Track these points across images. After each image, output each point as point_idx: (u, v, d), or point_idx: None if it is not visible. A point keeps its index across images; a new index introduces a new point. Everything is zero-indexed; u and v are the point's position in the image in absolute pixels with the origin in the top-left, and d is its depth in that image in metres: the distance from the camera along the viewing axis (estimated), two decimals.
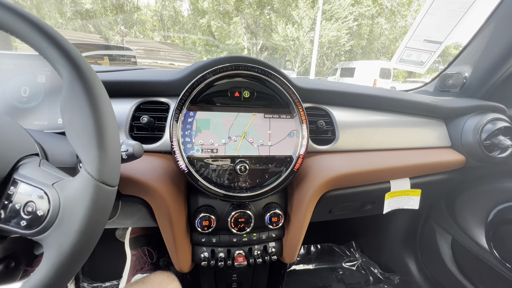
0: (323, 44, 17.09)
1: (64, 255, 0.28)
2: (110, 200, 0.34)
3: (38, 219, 0.30)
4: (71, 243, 0.29)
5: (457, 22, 0.81)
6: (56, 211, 0.30)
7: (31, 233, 0.30)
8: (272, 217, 0.62)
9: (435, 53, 0.90)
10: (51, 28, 0.33)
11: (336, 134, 0.69)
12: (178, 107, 0.55)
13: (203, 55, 18.98)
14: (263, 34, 18.95)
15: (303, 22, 15.75)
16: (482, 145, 0.75)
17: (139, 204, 0.60)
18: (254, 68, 0.58)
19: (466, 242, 0.94)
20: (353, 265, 1.35)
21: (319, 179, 0.63)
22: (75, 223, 0.29)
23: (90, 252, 0.32)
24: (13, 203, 0.31)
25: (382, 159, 0.71)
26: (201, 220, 0.59)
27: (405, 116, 0.79)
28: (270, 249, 0.69)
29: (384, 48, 20.47)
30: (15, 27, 0.31)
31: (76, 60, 0.33)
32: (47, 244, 0.30)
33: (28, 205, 0.30)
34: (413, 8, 16.85)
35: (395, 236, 1.24)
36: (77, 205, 0.30)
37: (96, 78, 0.36)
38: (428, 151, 0.79)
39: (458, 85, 0.93)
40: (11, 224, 0.30)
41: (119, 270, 1.00)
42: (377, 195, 0.76)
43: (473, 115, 0.80)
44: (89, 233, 0.30)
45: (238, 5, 17.26)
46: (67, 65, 0.33)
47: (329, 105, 0.72)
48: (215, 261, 0.65)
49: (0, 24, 0.31)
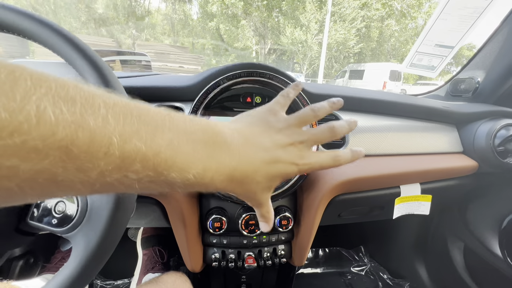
0: (331, 46, 17.01)
1: (92, 251, 0.31)
2: (132, 201, 0.36)
3: (68, 218, 0.32)
4: (98, 240, 0.31)
5: (470, 27, 0.81)
6: (84, 210, 0.32)
7: (61, 231, 0.32)
8: (282, 220, 0.63)
9: (446, 58, 0.89)
10: (80, 41, 0.36)
11: (346, 138, 0.70)
12: (192, 112, 0.57)
13: (212, 58, 19.19)
14: (271, 37, 19.02)
15: (310, 25, 15.73)
16: (495, 151, 0.74)
17: (154, 205, 0.62)
18: (266, 74, 0.60)
19: (479, 249, 0.92)
20: (362, 270, 1.34)
21: (329, 184, 0.64)
22: (101, 222, 0.31)
23: (114, 248, 0.34)
24: (45, 202, 0.33)
25: (393, 164, 0.71)
26: (213, 222, 0.61)
27: (416, 121, 0.79)
28: (279, 251, 0.70)
29: (394, 50, 20.18)
30: (49, 41, 0.34)
31: (102, 69, 0.36)
32: (76, 241, 0.32)
33: (59, 205, 0.33)
34: (423, 10, 16.57)
35: (405, 241, 1.23)
36: (103, 205, 0.32)
37: (120, 86, 0.39)
38: (439, 156, 0.78)
39: (470, 90, 0.92)
40: (43, 222, 0.33)
41: (130, 269, 1.02)
42: (387, 200, 0.76)
43: (486, 120, 0.79)
44: (114, 231, 0.32)
45: (246, 8, 17.41)
46: (94, 74, 0.36)
47: (339, 110, 0.73)
48: (225, 262, 0.67)
49: (36, 38, 0.34)
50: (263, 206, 0.33)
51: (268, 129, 0.30)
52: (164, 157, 0.20)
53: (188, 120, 0.24)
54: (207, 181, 0.24)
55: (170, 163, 0.21)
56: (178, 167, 0.21)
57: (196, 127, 0.24)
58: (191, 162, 0.22)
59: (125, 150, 0.18)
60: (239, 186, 0.27)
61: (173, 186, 0.22)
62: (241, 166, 0.26)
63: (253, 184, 0.28)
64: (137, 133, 0.18)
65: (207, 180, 0.24)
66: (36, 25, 0.33)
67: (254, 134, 0.29)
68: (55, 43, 0.34)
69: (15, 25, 0.33)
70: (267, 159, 0.28)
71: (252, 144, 0.28)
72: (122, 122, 0.18)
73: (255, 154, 0.28)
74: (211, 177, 0.24)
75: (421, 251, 1.19)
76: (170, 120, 0.22)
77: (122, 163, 0.18)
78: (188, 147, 0.22)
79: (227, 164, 0.25)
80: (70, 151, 0.15)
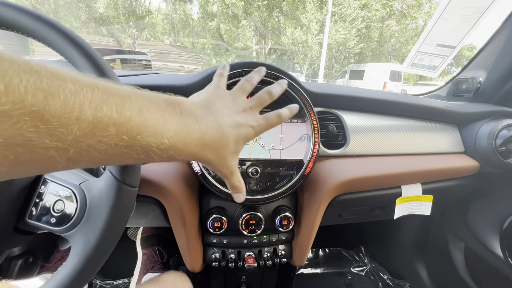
0: (332, 46, 17.02)
1: (91, 250, 0.30)
2: (132, 200, 0.36)
3: (67, 217, 0.32)
4: (97, 240, 0.30)
5: (471, 26, 0.80)
6: (83, 209, 0.32)
7: (60, 230, 0.32)
8: (283, 219, 0.63)
9: (448, 58, 0.89)
10: (80, 38, 0.36)
11: (347, 138, 0.69)
12: None
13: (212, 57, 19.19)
14: (272, 36, 19.02)
15: (311, 25, 15.73)
16: (497, 151, 0.74)
17: (153, 205, 0.62)
18: (267, 73, 0.59)
19: (479, 250, 0.91)
20: (362, 270, 1.33)
21: (329, 183, 0.64)
22: (100, 221, 0.31)
23: (113, 248, 0.34)
24: (43, 201, 0.33)
25: (394, 164, 0.71)
26: (213, 221, 0.60)
27: (417, 121, 0.79)
28: (279, 251, 0.69)
29: (395, 50, 20.19)
30: (49, 38, 0.34)
31: (102, 67, 0.36)
32: (74, 240, 0.32)
33: (58, 204, 0.32)
34: (424, 10, 16.57)
35: (405, 242, 1.23)
36: (102, 204, 0.32)
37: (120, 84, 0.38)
38: (440, 156, 0.78)
39: (472, 90, 0.92)
40: (42, 221, 0.32)
41: (130, 268, 1.02)
42: (388, 200, 0.76)
43: (488, 120, 0.79)
44: (113, 230, 0.32)
45: (247, 8, 17.41)
46: (94, 72, 0.35)
47: (340, 109, 0.72)
48: (225, 262, 0.66)
49: (36, 35, 0.33)
50: (234, 175, 0.36)
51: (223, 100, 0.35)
52: (136, 122, 0.22)
53: (153, 93, 0.26)
54: (181, 145, 0.26)
55: (142, 128, 0.22)
56: (151, 131, 0.23)
57: (161, 99, 0.26)
58: (162, 126, 0.24)
59: (97, 115, 0.19)
60: (211, 151, 0.30)
61: (149, 153, 0.24)
62: (211, 131, 0.29)
63: (224, 148, 0.31)
64: (106, 102, 0.20)
65: (180, 145, 0.26)
66: (36, 21, 0.33)
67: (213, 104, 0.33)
68: (54, 40, 0.34)
69: (15, 22, 0.33)
70: (231, 123, 0.32)
71: (214, 113, 0.31)
72: (91, 93, 0.19)
73: (221, 120, 0.31)
74: (183, 141, 0.26)
75: (422, 252, 1.18)
76: (137, 93, 0.24)
77: (95, 128, 0.19)
78: (157, 114, 0.24)
79: (196, 129, 0.28)
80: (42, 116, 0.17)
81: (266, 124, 0.37)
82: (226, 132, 0.31)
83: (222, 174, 0.35)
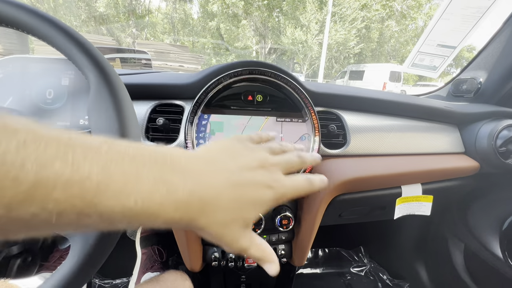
0: (331, 46, 17.03)
1: (90, 250, 0.30)
2: None
3: None
4: (97, 239, 0.30)
5: (472, 27, 0.80)
6: None
7: None
8: (283, 219, 0.63)
9: (448, 58, 0.89)
10: (80, 35, 0.36)
11: (348, 138, 0.69)
12: (193, 110, 0.57)
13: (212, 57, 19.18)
14: (272, 36, 19.02)
15: (311, 25, 15.74)
16: (497, 152, 0.74)
17: None
18: (268, 72, 0.59)
19: (479, 250, 0.91)
20: (361, 270, 1.34)
21: (330, 183, 0.63)
22: None
23: (112, 247, 0.34)
24: None
25: (394, 164, 0.71)
26: None
27: (418, 121, 0.79)
28: (279, 251, 0.69)
29: (395, 51, 20.21)
30: (49, 35, 0.34)
31: (103, 65, 0.36)
32: (74, 239, 0.31)
33: None
34: (423, 11, 16.60)
35: (405, 242, 1.23)
36: None
37: (120, 82, 0.38)
38: (440, 156, 0.78)
39: (472, 91, 0.92)
40: None
41: (129, 268, 1.01)
42: (388, 200, 0.76)
43: (488, 121, 0.79)
44: (112, 230, 0.32)
45: (247, 7, 17.40)
46: (94, 70, 0.35)
47: (340, 109, 0.72)
48: (225, 261, 0.66)
49: (35, 32, 0.33)
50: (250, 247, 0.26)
51: (232, 153, 0.27)
52: (95, 181, 0.17)
53: (134, 145, 0.21)
54: (155, 208, 0.19)
55: (103, 188, 0.17)
56: (113, 191, 0.18)
57: (143, 150, 0.21)
58: (132, 183, 0.18)
59: (41, 174, 0.15)
60: (200, 216, 0.22)
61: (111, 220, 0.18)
62: (200, 190, 0.22)
63: (219, 213, 0.23)
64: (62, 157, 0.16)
65: (154, 208, 0.19)
66: (35, 18, 0.33)
67: (215, 158, 0.26)
68: (54, 38, 0.33)
69: (15, 19, 0.32)
70: (232, 181, 0.24)
71: (213, 168, 0.24)
72: (44, 146, 0.16)
73: (217, 176, 0.24)
74: (159, 203, 0.20)
75: (421, 252, 1.19)
76: (112, 144, 0.19)
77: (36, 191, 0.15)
78: (130, 169, 0.19)
79: (180, 187, 0.21)
80: None
81: (291, 187, 0.28)
82: (221, 192, 0.23)
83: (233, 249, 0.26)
